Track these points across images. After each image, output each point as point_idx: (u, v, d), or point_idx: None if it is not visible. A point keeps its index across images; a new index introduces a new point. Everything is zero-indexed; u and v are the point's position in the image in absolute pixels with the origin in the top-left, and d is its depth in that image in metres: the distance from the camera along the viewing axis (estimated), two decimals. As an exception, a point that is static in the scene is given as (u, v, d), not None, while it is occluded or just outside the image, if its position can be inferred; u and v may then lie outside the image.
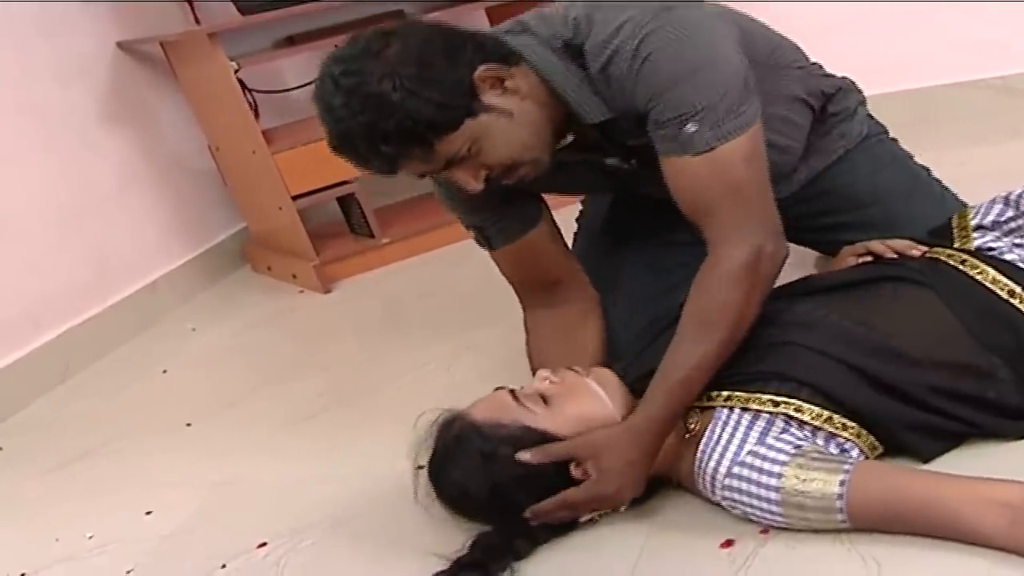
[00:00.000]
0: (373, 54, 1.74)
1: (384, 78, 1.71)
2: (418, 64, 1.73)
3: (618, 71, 1.81)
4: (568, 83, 1.86)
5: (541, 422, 1.77)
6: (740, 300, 1.76)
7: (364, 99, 1.71)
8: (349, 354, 3.00)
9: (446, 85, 1.75)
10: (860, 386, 1.72)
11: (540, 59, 1.86)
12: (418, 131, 1.74)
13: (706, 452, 1.72)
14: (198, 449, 2.58)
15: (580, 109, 1.88)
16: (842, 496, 1.58)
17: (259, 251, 3.90)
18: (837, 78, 2.28)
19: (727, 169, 1.78)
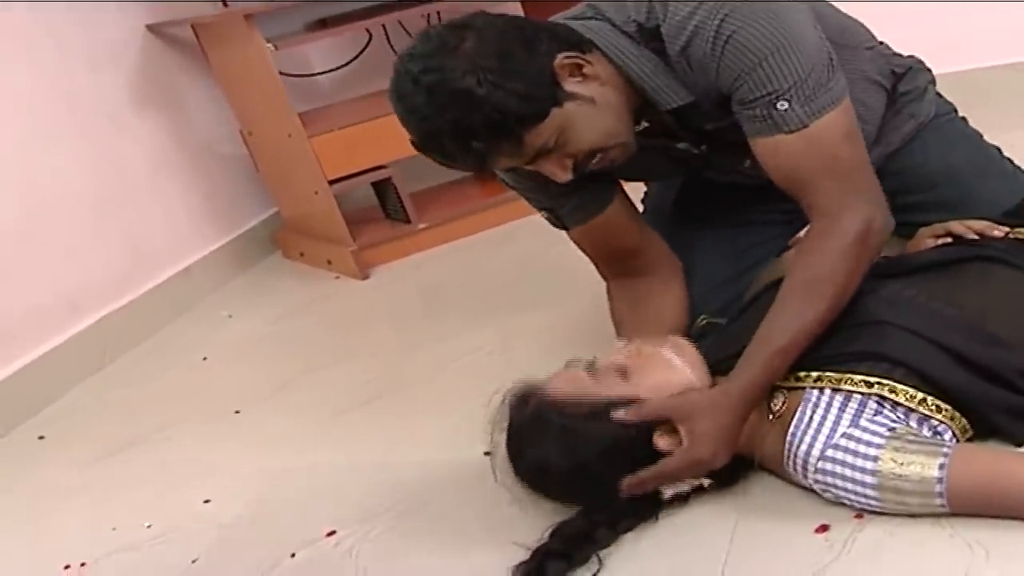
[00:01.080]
0: (451, 49, 1.70)
1: (467, 73, 1.67)
2: (498, 56, 1.70)
3: (699, 52, 1.78)
4: (644, 68, 1.84)
5: (621, 394, 1.73)
6: (849, 270, 1.74)
7: (449, 96, 1.68)
8: (392, 341, 2.97)
9: (529, 76, 1.72)
10: (954, 367, 1.68)
11: (613, 45, 1.83)
12: (507, 124, 1.71)
13: (797, 434, 1.68)
14: (250, 436, 2.54)
15: (657, 95, 1.86)
16: (942, 480, 1.54)
17: (292, 237, 3.86)
18: (906, 57, 2.25)
19: (825, 144, 1.76)
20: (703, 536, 1.73)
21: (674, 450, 1.70)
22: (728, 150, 1.94)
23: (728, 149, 1.94)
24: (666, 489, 1.75)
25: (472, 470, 2.01)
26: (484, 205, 3.67)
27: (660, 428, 1.71)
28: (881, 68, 2.15)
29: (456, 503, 2.01)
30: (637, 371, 1.77)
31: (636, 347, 1.83)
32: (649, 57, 1.84)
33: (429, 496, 2.06)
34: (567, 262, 2.63)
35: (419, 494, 2.07)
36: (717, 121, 1.88)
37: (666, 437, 1.71)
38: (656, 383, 1.76)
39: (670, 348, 1.82)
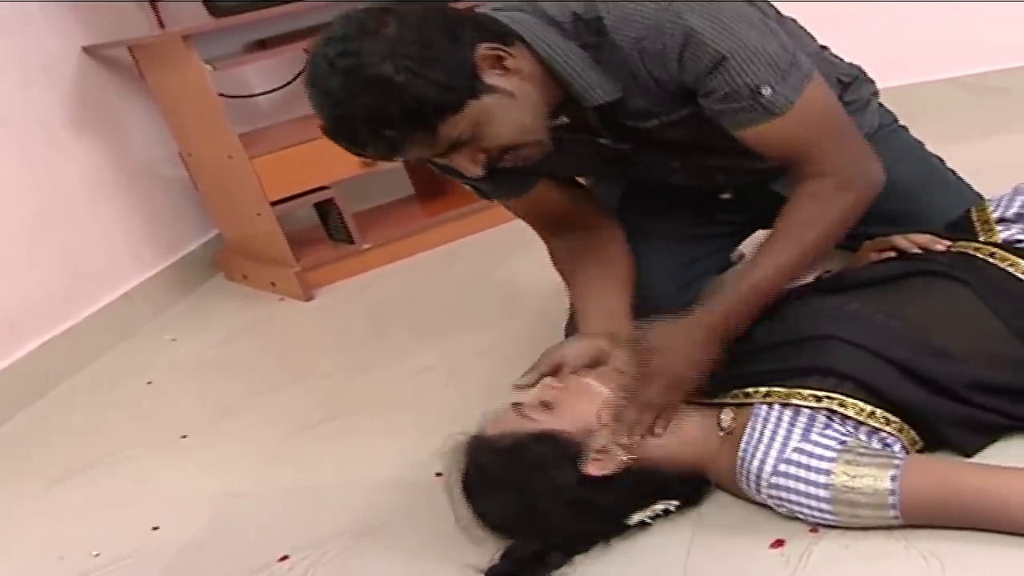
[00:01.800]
0: (370, 33, 1.64)
1: (385, 59, 1.61)
2: (419, 43, 1.64)
3: (656, 47, 1.74)
4: (570, 64, 1.79)
5: (542, 426, 1.75)
6: (835, 219, 1.79)
7: (364, 81, 1.62)
8: (339, 362, 2.95)
9: (449, 65, 1.66)
10: (901, 380, 1.70)
11: (540, 38, 1.78)
12: (423, 114, 1.66)
13: (748, 450, 1.69)
14: (199, 461, 2.52)
15: (584, 91, 1.81)
16: (895, 492, 1.56)
17: (234, 259, 3.84)
18: (850, 66, 2.25)
19: (816, 115, 1.79)
20: (658, 555, 1.73)
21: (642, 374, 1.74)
22: (655, 149, 1.92)
23: (655, 148, 1.91)
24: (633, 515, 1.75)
25: (424, 491, 2.02)
26: (427, 225, 3.67)
27: (585, 458, 1.72)
28: (827, 73, 2.10)
29: (409, 525, 2.00)
30: (562, 402, 1.78)
31: (564, 380, 1.83)
32: (577, 52, 1.79)
33: (382, 518, 2.05)
34: (512, 281, 2.66)
35: (372, 517, 2.06)
36: (647, 119, 1.86)
37: (594, 463, 1.72)
38: (576, 413, 1.76)
39: (595, 376, 1.83)
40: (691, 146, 1.94)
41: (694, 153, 1.96)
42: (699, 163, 1.99)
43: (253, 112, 4.18)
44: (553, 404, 1.78)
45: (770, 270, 1.76)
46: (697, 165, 2.03)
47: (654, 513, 1.76)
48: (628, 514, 1.75)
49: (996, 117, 3.55)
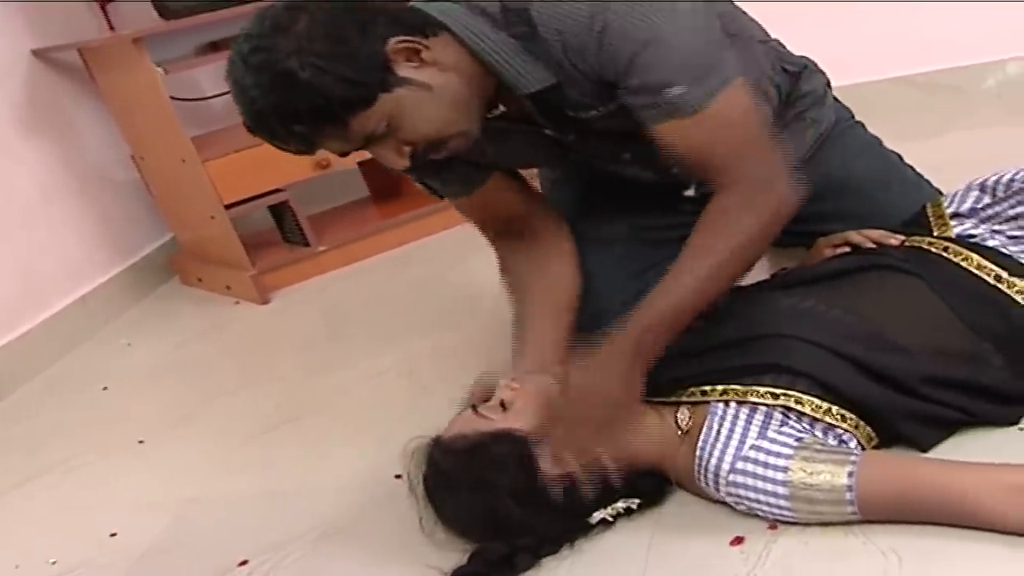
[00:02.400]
0: (282, 30, 1.64)
1: (292, 55, 1.62)
2: (327, 39, 1.64)
3: (577, 40, 1.72)
4: (499, 53, 1.77)
5: (497, 425, 1.76)
6: (750, 236, 1.75)
7: (273, 77, 1.63)
8: (298, 364, 2.94)
9: (357, 60, 1.66)
10: (856, 376, 1.72)
11: (465, 28, 1.77)
12: (330, 109, 1.65)
13: (706, 448, 1.71)
14: (157, 466, 2.50)
15: (514, 79, 1.79)
16: (852, 488, 1.58)
17: (189, 263, 3.82)
18: (799, 57, 2.23)
19: (725, 123, 1.74)
20: (620, 554, 1.74)
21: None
22: (601, 139, 1.89)
23: (601, 138, 1.89)
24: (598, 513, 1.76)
25: (384, 493, 2.03)
26: (382, 227, 3.67)
27: (542, 456, 1.73)
28: (774, 64, 2.13)
29: (370, 528, 2.00)
30: (515, 402, 1.79)
31: (520, 381, 1.84)
32: (507, 41, 1.77)
33: (342, 521, 2.05)
34: (468, 282, 2.66)
35: (332, 520, 2.06)
36: (587, 110, 1.84)
37: (551, 462, 1.73)
38: (532, 411, 1.78)
39: (550, 377, 1.84)
40: (636, 136, 1.88)
41: (642, 144, 1.96)
42: (649, 154, 1.98)
43: (206, 115, 4.15)
44: (509, 404, 1.79)
45: (685, 291, 1.74)
46: (648, 156, 2.01)
47: (616, 512, 1.76)
48: (589, 513, 1.75)
49: (948, 115, 3.60)
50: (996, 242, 1.86)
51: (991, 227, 1.90)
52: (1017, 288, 1.77)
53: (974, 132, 3.42)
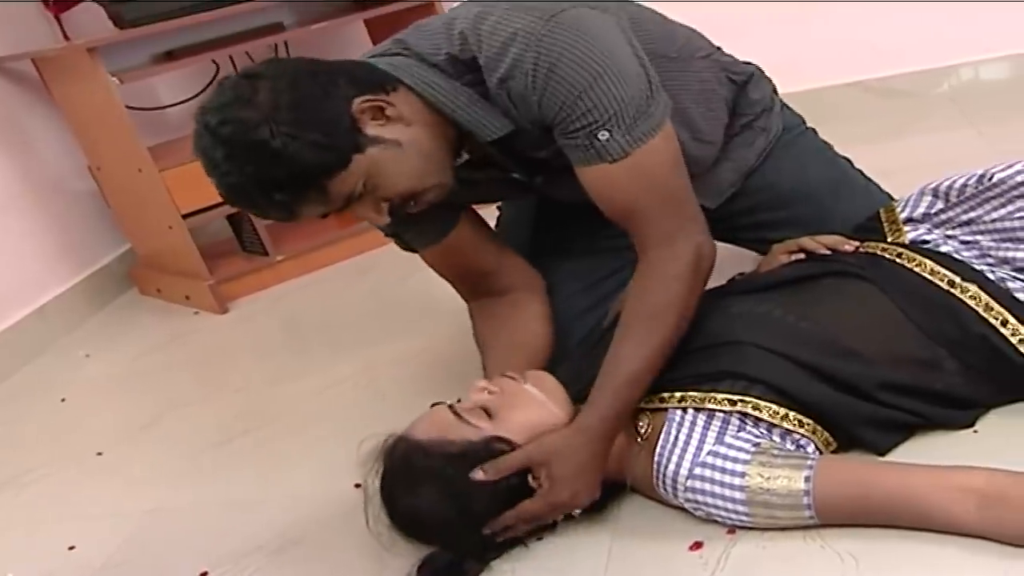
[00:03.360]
0: (245, 101, 1.64)
1: (261, 124, 1.62)
2: (293, 105, 1.65)
3: (519, 86, 1.75)
4: (456, 101, 1.80)
5: (488, 434, 1.74)
6: (684, 296, 1.77)
7: (246, 150, 1.63)
8: (256, 374, 2.93)
9: (326, 123, 1.67)
10: (812, 382, 1.74)
11: (421, 80, 1.79)
12: (308, 175, 1.67)
13: (664, 455, 1.72)
14: (116, 478, 2.49)
15: (474, 127, 1.82)
16: (808, 492, 1.59)
17: (147, 273, 3.80)
18: (745, 64, 2.25)
19: (648, 172, 1.77)
20: (577, 561, 1.75)
21: (537, 491, 1.72)
22: (566, 177, 1.90)
23: (566, 176, 1.90)
24: None
25: (343, 503, 2.02)
26: (341, 236, 3.66)
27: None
28: (719, 77, 2.14)
29: (328, 537, 2.00)
30: (503, 409, 1.77)
31: (498, 384, 1.83)
32: (461, 90, 1.80)
33: (302, 532, 2.04)
34: (426, 291, 2.65)
35: (292, 530, 2.06)
36: (543, 150, 1.87)
37: (538, 477, 1.73)
38: (524, 419, 1.76)
39: (532, 383, 1.83)
40: None
41: None
42: None
43: (163, 124, 4.13)
44: (496, 411, 1.77)
45: (636, 363, 1.75)
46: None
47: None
48: None
49: (902, 120, 3.64)
50: (949, 247, 1.88)
51: (944, 232, 1.92)
52: (970, 293, 1.78)
53: (928, 136, 3.45)
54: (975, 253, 1.86)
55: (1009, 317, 1.76)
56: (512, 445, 1.72)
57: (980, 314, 1.77)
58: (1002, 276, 1.81)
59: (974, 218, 1.88)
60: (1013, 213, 1.83)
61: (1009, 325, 1.75)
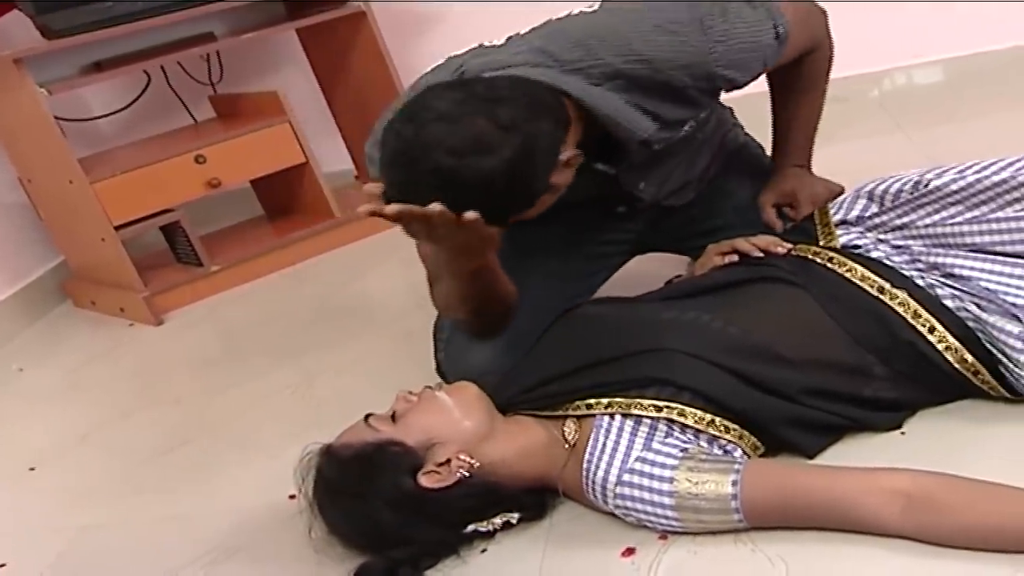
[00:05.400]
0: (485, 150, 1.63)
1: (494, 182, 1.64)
2: (518, 172, 1.66)
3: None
4: (610, 108, 1.84)
5: (382, 436, 1.77)
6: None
7: (467, 191, 1.63)
8: (194, 385, 2.92)
9: (535, 182, 1.71)
10: (738, 387, 1.76)
11: (582, 91, 1.82)
12: (503, 217, 1.72)
13: (592, 461, 1.73)
14: (47, 494, 2.47)
15: (627, 131, 1.87)
16: (736, 496, 1.60)
17: (81, 285, 3.77)
18: None
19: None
20: (511, 568, 1.75)
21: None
22: (636, 170, 2.01)
23: (636, 169, 2.00)
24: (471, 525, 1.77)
25: (280, 513, 2.02)
26: (276, 245, 3.65)
27: (423, 469, 1.74)
28: None
29: (264, 549, 1.99)
30: (408, 414, 1.81)
31: (419, 393, 1.85)
32: (608, 95, 1.84)
33: (238, 543, 2.03)
34: (364, 299, 2.65)
35: (228, 541, 2.05)
36: (679, 128, 1.99)
37: (431, 475, 1.74)
38: (421, 424, 1.79)
39: (449, 392, 1.85)
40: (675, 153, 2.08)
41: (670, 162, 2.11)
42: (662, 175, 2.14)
43: (96, 135, 4.11)
44: (400, 416, 1.80)
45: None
46: (659, 178, 2.15)
47: (493, 526, 1.78)
48: (463, 525, 1.77)
49: (832, 125, 3.63)
50: (880, 252, 1.90)
51: (877, 236, 1.94)
52: (899, 300, 1.81)
53: (858, 142, 3.48)
54: (906, 258, 1.89)
55: (937, 324, 1.78)
56: (404, 447, 1.75)
57: (908, 321, 1.80)
58: (931, 282, 1.84)
59: (907, 223, 1.91)
60: (945, 220, 1.86)
61: (936, 332, 1.78)
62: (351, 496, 1.76)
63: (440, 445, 1.76)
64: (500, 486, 1.77)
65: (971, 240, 1.83)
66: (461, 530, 1.77)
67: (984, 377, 1.78)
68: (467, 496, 1.75)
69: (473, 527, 1.77)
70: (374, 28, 3.76)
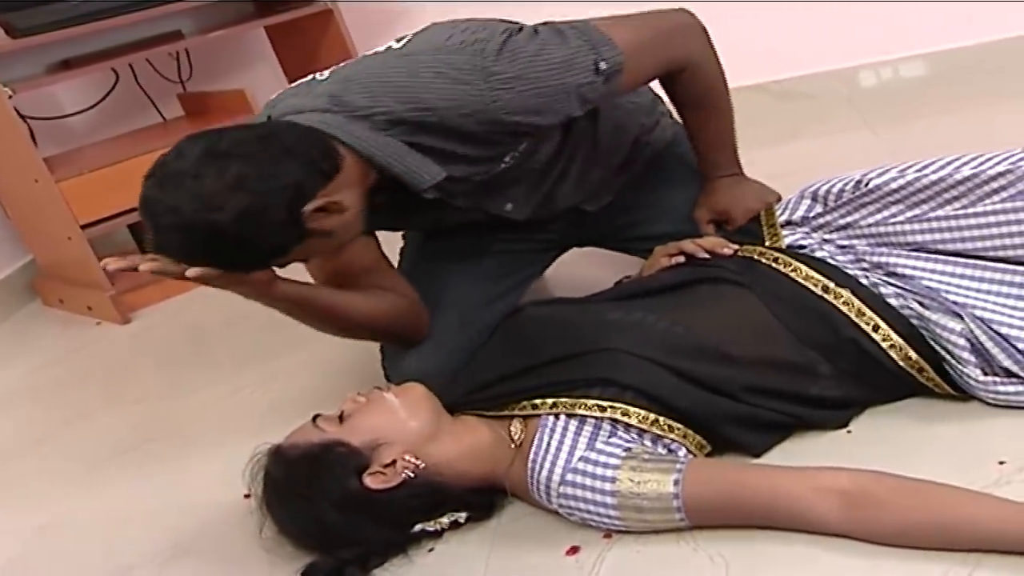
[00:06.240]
0: (206, 205, 1.67)
1: (220, 225, 1.67)
2: (247, 214, 1.68)
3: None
4: (392, 156, 1.85)
5: (327, 437, 1.79)
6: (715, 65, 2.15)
7: (202, 240, 1.69)
8: (158, 384, 2.92)
9: (276, 227, 1.72)
10: (682, 387, 1.77)
11: (360, 140, 1.83)
12: (255, 262, 1.77)
13: (537, 461, 1.74)
14: (7, 493, 2.47)
15: (411, 180, 1.87)
16: (678, 495, 1.62)
17: (50, 284, 3.76)
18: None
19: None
20: (458, 566, 1.76)
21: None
22: (484, 196, 2.02)
23: (482, 195, 2.01)
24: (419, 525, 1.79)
25: (236, 512, 2.03)
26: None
27: (369, 470, 1.75)
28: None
29: (217, 548, 2.00)
30: (355, 415, 1.82)
31: (366, 395, 1.87)
32: (392, 143, 1.85)
33: (191, 542, 2.05)
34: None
35: (180, 540, 2.06)
36: (496, 164, 1.97)
37: (377, 476, 1.75)
38: (367, 425, 1.80)
39: (396, 392, 1.87)
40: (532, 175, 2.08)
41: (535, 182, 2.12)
42: (528, 195, 2.14)
43: (68, 133, 4.10)
44: (348, 417, 1.81)
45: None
46: (527, 197, 2.15)
47: (441, 526, 1.80)
48: (410, 525, 1.78)
49: (799, 122, 3.68)
50: (825, 252, 1.92)
51: (822, 236, 1.95)
52: (843, 299, 1.82)
53: (824, 139, 3.50)
54: (850, 257, 1.90)
55: (880, 322, 1.80)
56: (350, 448, 1.76)
57: (852, 319, 1.81)
58: (875, 281, 1.85)
59: (851, 223, 1.92)
60: (887, 219, 1.87)
61: (880, 331, 1.79)
62: (298, 496, 1.77)
63: (386, 446, 1.76)
64: (446, 486, 1.78)
65: (912, 239, 1.84)
66: (408, 530, 1.79)
67: (929, 374, 1.80)
68: (413, 496, 1.76)
69: (420, 527, 1.79)
70: (341, 26, 3.77)
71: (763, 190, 2.19)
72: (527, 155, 2.03)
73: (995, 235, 1.78)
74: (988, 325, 1.73)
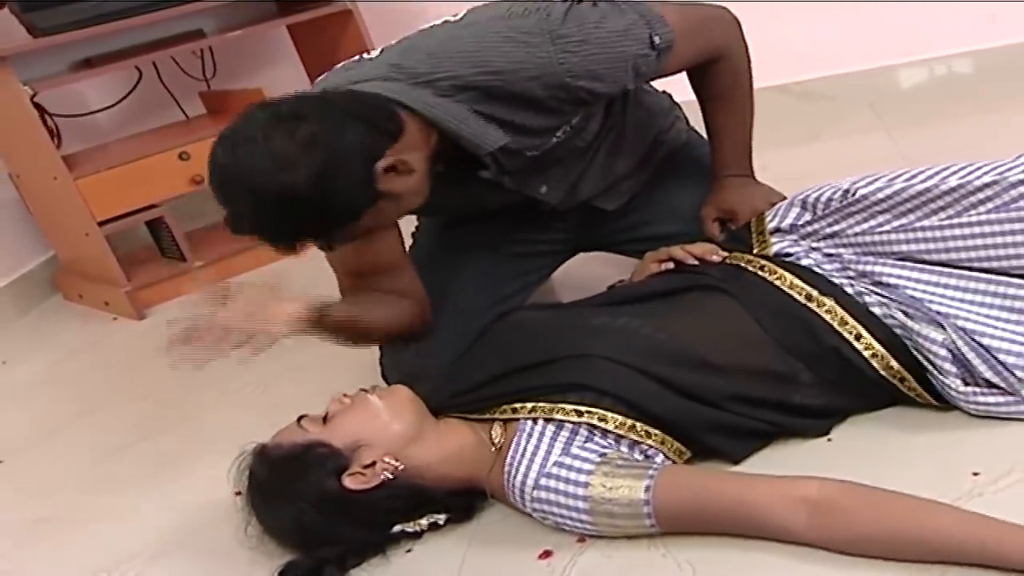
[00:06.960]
0: (279, 165, 1.67)
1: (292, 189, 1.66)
2: (319, 178, 1.67)
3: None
4: (456, 120, 1.86)
5: (309, 438, 1.81)
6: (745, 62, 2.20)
7: (271, 205, 1.69)
8: (165, 381, 2.93)
9: (349, 186, 1.72)
10: (661, 393, 1.77)
11: (424, 104, 1.84)
12: (326, 229, 1.77)
13: (514, 464, 1.75)
14: (12, 487, 2.51)
15: (473, 144, 1.89)
16: (649, 502, 1.62)
17: (70, 279, 3.81)
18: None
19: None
20: (433, 567, 1.78)
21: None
22: (527, 175, 2.03)
23: (526, 174, 2.02)
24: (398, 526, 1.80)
25: (225, 509, 2.04)
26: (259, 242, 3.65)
27: (348, 471, 1.77)
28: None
29: (205, 544, 2.03)
30: (338, 416, 1.84)
31: (352, 396, 1.88)
32: (455, 107, 1.86)
33: (180, 539, 2.07)
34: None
35: (172, 537, 2.09)
36: (549, 136, 2.00)
37: (356, 477, 1.77)
38: (350, 426, 1.81)
39: (381, 395, 1.88)
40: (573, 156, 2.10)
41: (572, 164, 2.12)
42: (565, 176, 2.16)
43: (95, 129, 4.14)
44: (332, 418, 1.83)
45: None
46: (563, 179, 2.16)
47: (420, 527, 1.81)
48: (389, 526, 1.80)
49: (818, 124, 3.66)
50: (811, 260, 1.91)
51: (810, 244, 1.95)
52: (826, 307, 1.82)
53: (841, 140, 3.49)
54: (837, 266, 1.89)
55: (863, 331, 1.80)
56: (331, 449, 1.78)
57: (835, 328, 1.81)
58: (860, 290, 1.85)
59: (838, 231, 1.91)
60: (874, 228, 1.86)
61: (863, 339, 1.79)
62: (279, 496, 1.79)
63: (367, 447, 1.78)
64: (426, 488, 1.80)
65: (898, 248, 1.83)
66: (388, 531, 1.81)
67: (911, 384, 1.79)
68: (391, 498, 1.78)
69: (400, 528, 1.81)
70: (360, 25, 3.78)
71: (771, 193, 2.20)
72: (576, 131, 2.06)
73: (980, 246, 1.77)
74: (971, 336, 1.73)
